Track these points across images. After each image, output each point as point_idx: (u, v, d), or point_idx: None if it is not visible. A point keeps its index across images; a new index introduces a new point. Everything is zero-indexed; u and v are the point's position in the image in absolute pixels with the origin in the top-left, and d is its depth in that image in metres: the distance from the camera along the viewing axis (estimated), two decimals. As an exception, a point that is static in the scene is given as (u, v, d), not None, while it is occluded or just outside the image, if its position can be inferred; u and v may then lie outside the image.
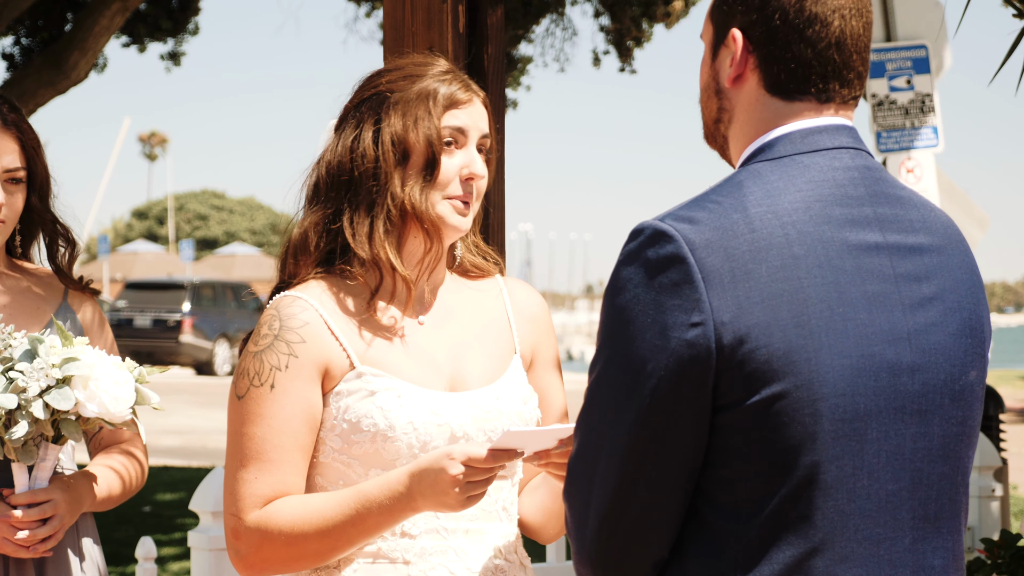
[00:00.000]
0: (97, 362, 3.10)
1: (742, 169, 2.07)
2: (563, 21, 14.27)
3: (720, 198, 2.01)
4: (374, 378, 2.61)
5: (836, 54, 2.07)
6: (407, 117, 2.64)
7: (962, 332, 2.07)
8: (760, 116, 2.09)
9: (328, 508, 2.55)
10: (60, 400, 3.04)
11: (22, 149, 3.38)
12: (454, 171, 2.65)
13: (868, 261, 2.02)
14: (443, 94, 2.66)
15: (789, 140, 2.07)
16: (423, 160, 2.64)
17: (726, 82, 2.12)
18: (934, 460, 2.04)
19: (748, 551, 1.96)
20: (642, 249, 1.98)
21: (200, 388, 24.88)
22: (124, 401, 3.11)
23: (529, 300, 2.83)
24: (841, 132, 2.09)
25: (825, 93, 2.08)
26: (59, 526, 3.21)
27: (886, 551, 2.00)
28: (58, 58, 11.33)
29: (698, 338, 1.93)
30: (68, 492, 3.23)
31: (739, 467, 1.96)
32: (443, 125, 2.65)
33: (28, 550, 3.19)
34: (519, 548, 2.72)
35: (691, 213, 1.99)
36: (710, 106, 2.16)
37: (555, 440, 2.45)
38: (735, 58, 2.10)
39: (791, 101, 2.08)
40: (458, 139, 2.66)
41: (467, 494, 2.46)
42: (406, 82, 2.68)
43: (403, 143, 2.64)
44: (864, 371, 1.98)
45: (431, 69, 2.69)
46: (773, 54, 2.07)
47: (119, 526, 10.04)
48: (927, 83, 7.40)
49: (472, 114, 2.68)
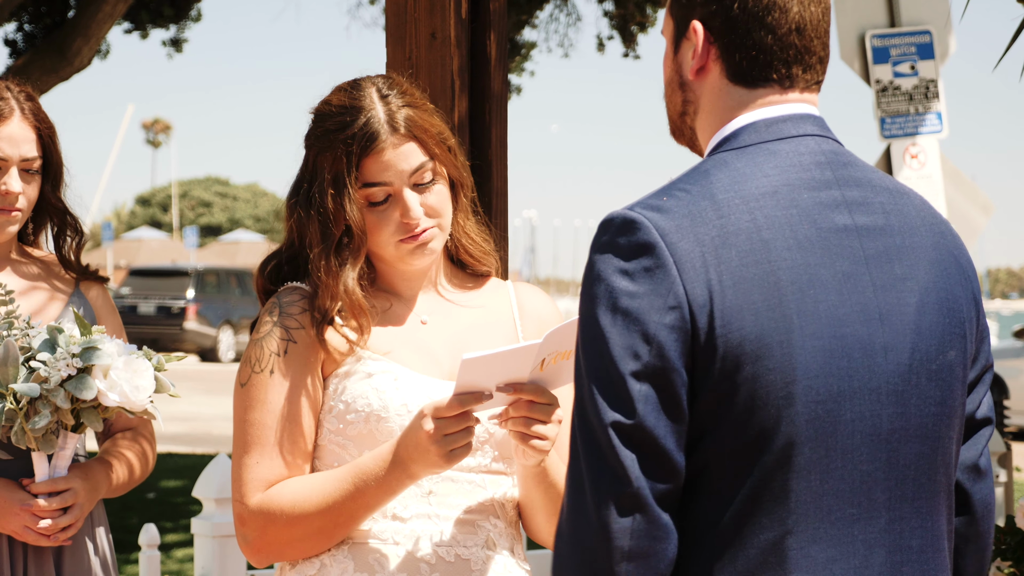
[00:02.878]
0: (116, 351, 3.11)
1: (708, 158, 2.09)
2: (567, 6, 14.25)
3: (688, 186, 2.03)
4: (373, 362, 2.64)
5: (797, 39, 2.09)
6: (328, 188, 2.63)
7: (937, 311, 2.07)
8: (724, 105, 2.11)
9: (327, 485, 2.56)
10: (83, 390, 3.06)
11: (39, 138, 3.38)
12: (391, 222, 2.65)
13: (838, 243, 2.03)
14: (355, 152, 2.62)
15: (754, 129, 2.08)
16: (350, 228, 2.63)
17: (689, 74, 2.13)
18: (911, 440, 2.04)
19: (725, 535, 1.96)
20: (614, 238, 1.99)
21: (204, 375, 24.90)
22: (144, 390, 3.13)
23: (537, 302, 2.84)
24: (806, 120, 2.10)
25: (788, 79, 2.10)
26: (79, 514, 3.23)
27: (860, 531, 2.00)
28: (61, 45, 11.32)
29: (676, 321, 1.94)
30: (87, 480, 3.25)
31: (714, 452, 1.97)
32: (365, 183, 2.63)
33: (49, 539, 3.20)
34: (517, 548, 2.72)
35: (659, 202, 2.01)
36: (675, 100, 2.17)
37: (525, 366, 2.42)
38: (697, 50, 2.11)
39: (754, 88, 2.10)
40: (387, 192, 2.65)
41: (447, 448, 2.46)
42: (324, 140, 2.65)
43: (328, 218, 2.63)
44: (837, 352, 1.99)
45: (345, 119, 2.65)
46: (734, 43, 2.09)
47: (123, 513, 10.06)
48: (931, 69, 7.38)
49: (391, 161, 2.64)
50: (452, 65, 4.08)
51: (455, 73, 4.09)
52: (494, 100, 4.15)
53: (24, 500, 3.17)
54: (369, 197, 2.64)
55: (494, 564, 2.64)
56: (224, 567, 4.33)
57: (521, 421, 2.48)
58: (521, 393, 2.46)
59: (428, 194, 2.67)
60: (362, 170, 2.63)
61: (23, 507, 3.17)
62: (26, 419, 3.08)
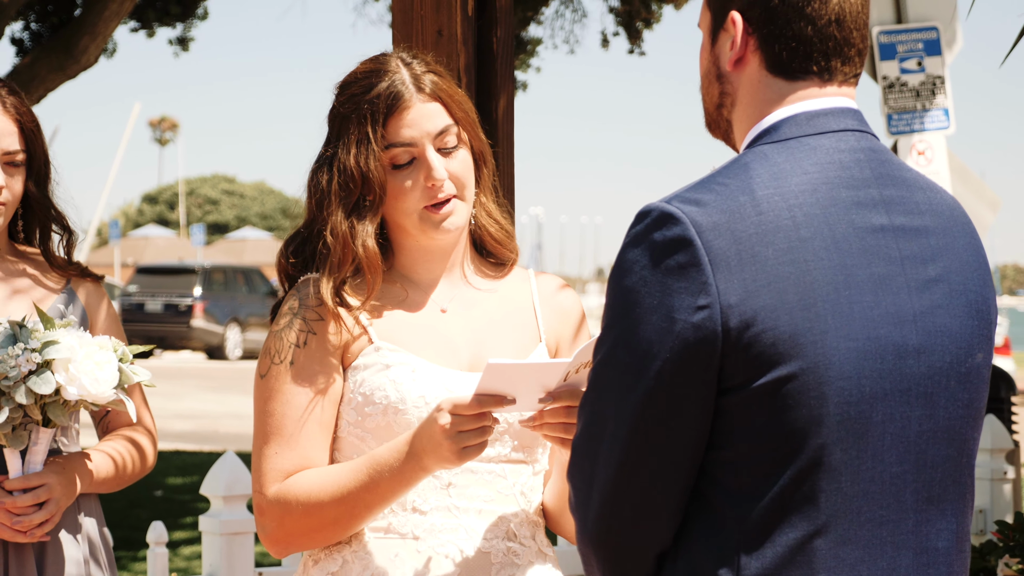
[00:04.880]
0: (77, 344, 3.09)
1: (748, 151, 2.06)
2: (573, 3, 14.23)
3: (727, 180, 2.00)
4: (391, 353, 2.63)
5: (836, 30, 2.07)
6: (352, 147, 2.63)
7: (968, 314, 2.06)
8: (764, 97, 2.09)
9: (343, 475, 2.56)
10: (41, 385, 3.05)
11: (21, 132, 3.37)
12: (416, 186, 2.65)
13: (874, 243, 2.02)
14: (380, 110, 2.63)
15: (795, 122, 2.06)
16: (374, 190, 2.64)
17: (727, 66, 2.11)
18: (939, 442, 2.03)
19: (752, 533, 1.96)
20: (649, 231, 1.97)
21: (211, 373, 24.91)
22: (106, 382, 3.10)
23: (558, 293, 2.82)
24: (846, 115, 2.08)
25: (827, 71, 2.08)
26: (55, 510, 3.21)
27: (889, 533, 2.00)
28: (68, 43, 11.32)
29: (704, 321, 1.93)
30: (62, 475, 3.23)
31: (744, 450, 1.96)
32: (389, 143, 2.63)
33: (25, 535, 3.19)
34: (539, 535, 2.71)
35: (698, 195, 1.98)
36: (712, 92, 2.15)
37: (549, 380, 2.42)
38: (735, 41, 2.09)
39: (793, 80, 2.08)
40: (412, 154, 2.65)
41: (460, 445, 2.45)
42: (350, 104, 2.66)
43: (351, 177, 2.63)
44: (870, 354, 1.98)
45: (371, 81, 2.66)
46: (773, 33, 2.07)
47: (131, 511, 10.07)
48: (938, 65, 7.37)
49: (415, 119, 2.65)
50: (459, 62, 4.08)
51: (461, 70, 4.09)
52: (501, 97, 4.15)
53: None
54: (394, 159, 2.64)
55: (515, 556, 2.64)
56: (232, 564, 4.33)
57: (560, 427, 2.48)
58: (560, 400, 2.45)
59: (452, 160, 2.67)
60: (387, 129, 2.64)
61: None
62: (-11, 415, 3.06)
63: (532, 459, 2.69)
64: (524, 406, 2.47)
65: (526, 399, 2.46)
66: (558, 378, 2.43)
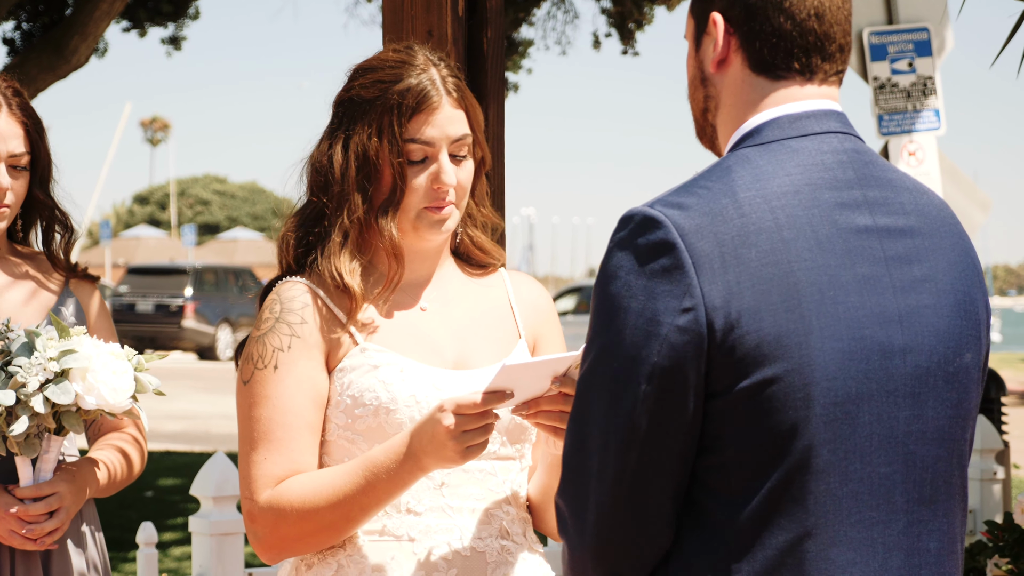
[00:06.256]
0: (95, 353, 3.08)
1: (730, 154, 2.07)
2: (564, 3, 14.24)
3: (709, 183, 2.01)
4: (377, 353, 2.63)
5: (816, 24, 2.08)
6: (372, 133, 2.63)
7: (955, 314, 2.06)
8: (747, 98, 2.09)
9: (338, 479, 2.55)
10: (60, 395, 3.03)
11: (27, 134, 3.37)
12: (422, 185, 2.65)
13: (858, 244, 2.02)
14: (408, 104, 2.63)
15: (777, 125, 2.07)
16: (389, 180, 2.63)
17: (711, 67, 2.12)
18: (928, 443, 2.03)
19: (742, 536, 1.95)
20: (632, 236, 1.97)
21: (202, 373, 24.89)
22: (123, 392, 3.10)
23: (532, 290, 2.84)
24: (829, 116, 2.09)
25: (809, 69, 2.09)
26: (65, 518, 3.22)
27: (879, 534, 2.00)
28: (58, 43, 11.31)
29: (690, 323, 1.93)
30: (73, 483, 3.23)
31: (732, 453, 1.96)
32: (409, 138, 2.63)
33: (35, 543, 3.19)
34: (528, 531, 2.72)
35: (680, 199, 1.99)
36: (697, 97, 2.16)
37: (551, 374, 2.43)
38: (717, 42, 2.10)
39: (775, 79, 2.08)
40: (426, 152, 2.65)
41: (464, 444, 2.45)
42: (373, 89, 2.65)
43: (367, 162, 2.63)
44: (855, 354, 1.98)
45: (401, 72, 2.66)
46: (754, 30, 2.08)
47: (121, 511, 10.05)
48: (929, 66, 7.38)
49: (440, 121, 2.65)
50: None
51: (452, 71, 4.08)
52: (491, 98, 4.14)
53: (9, 505, 3.16)
54: (408, 154, 2.64)
55: (508, 554, 2.64)
56: (222, 565, 4.33)
57: (556, 415, 2.48)
58: (564, 387, 2.45)
59: (460, 168, 2.68)
60: (409, 124, 2.63)
61: (9, 512, 3.16)
62: (6, 425, 3.04)
63: (520, 454, 2.70)
64: (521, 398, 2.48)
65: (525, 393, 2.47)
66: (563, 371, 2.45)
